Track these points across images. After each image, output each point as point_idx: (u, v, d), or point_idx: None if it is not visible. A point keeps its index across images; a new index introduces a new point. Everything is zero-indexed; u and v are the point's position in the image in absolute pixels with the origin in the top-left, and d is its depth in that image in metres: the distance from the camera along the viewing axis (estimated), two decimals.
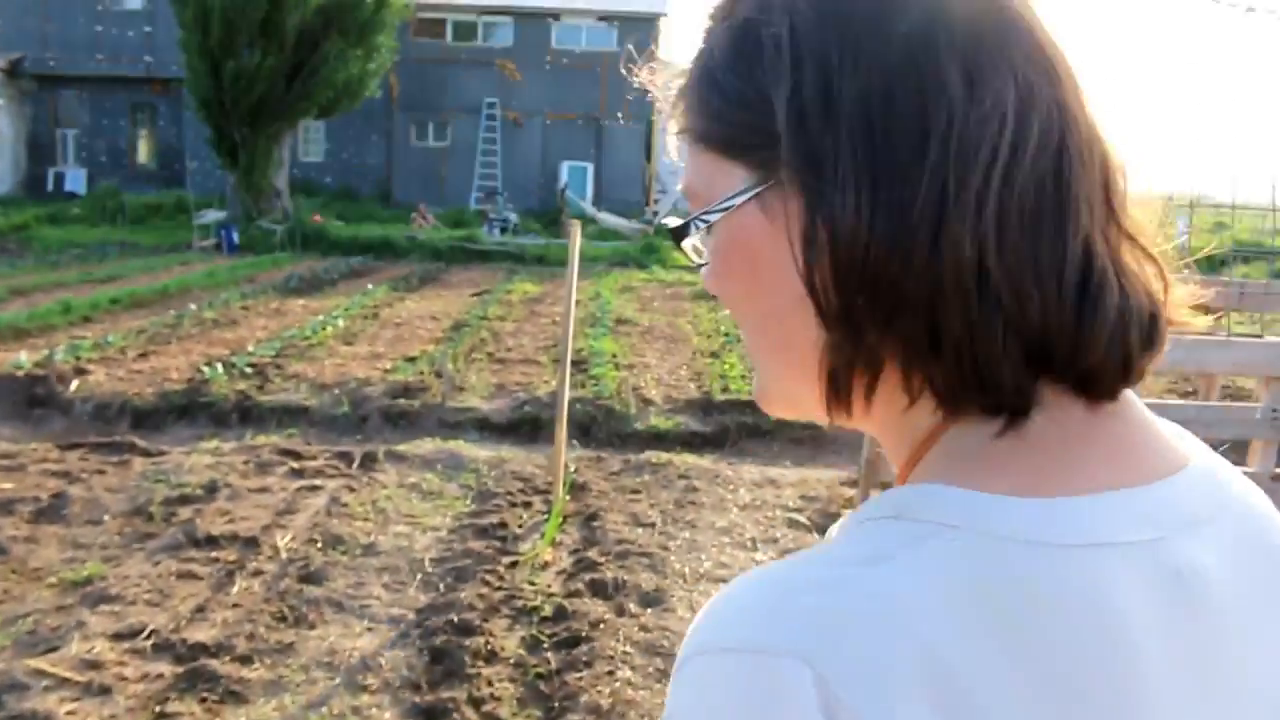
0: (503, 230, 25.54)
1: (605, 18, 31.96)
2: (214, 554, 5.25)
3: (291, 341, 10.82)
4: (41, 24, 31.92)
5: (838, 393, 0.58)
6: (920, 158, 0.53)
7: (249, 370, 9.41)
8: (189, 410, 8.47)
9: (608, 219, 26.52)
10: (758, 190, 0.58)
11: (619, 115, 32.24)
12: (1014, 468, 0.55)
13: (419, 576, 5.14)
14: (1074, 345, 0.55)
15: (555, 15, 31.90)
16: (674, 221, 0.64)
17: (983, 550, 0.52)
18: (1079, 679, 0.50)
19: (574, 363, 10.10)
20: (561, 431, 6.00)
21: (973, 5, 0.56)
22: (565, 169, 32.08)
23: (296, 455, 6.93)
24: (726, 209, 0.60)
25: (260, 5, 20.15)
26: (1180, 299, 0.60)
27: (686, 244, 0.65)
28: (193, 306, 12.84)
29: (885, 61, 0.54)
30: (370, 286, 15.77)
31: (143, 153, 34.13)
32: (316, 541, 5.43)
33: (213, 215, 24.58)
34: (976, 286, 0.53)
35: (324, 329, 11.69)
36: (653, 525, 5.85)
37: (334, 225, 22.71)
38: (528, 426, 8.36)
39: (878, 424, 0.61)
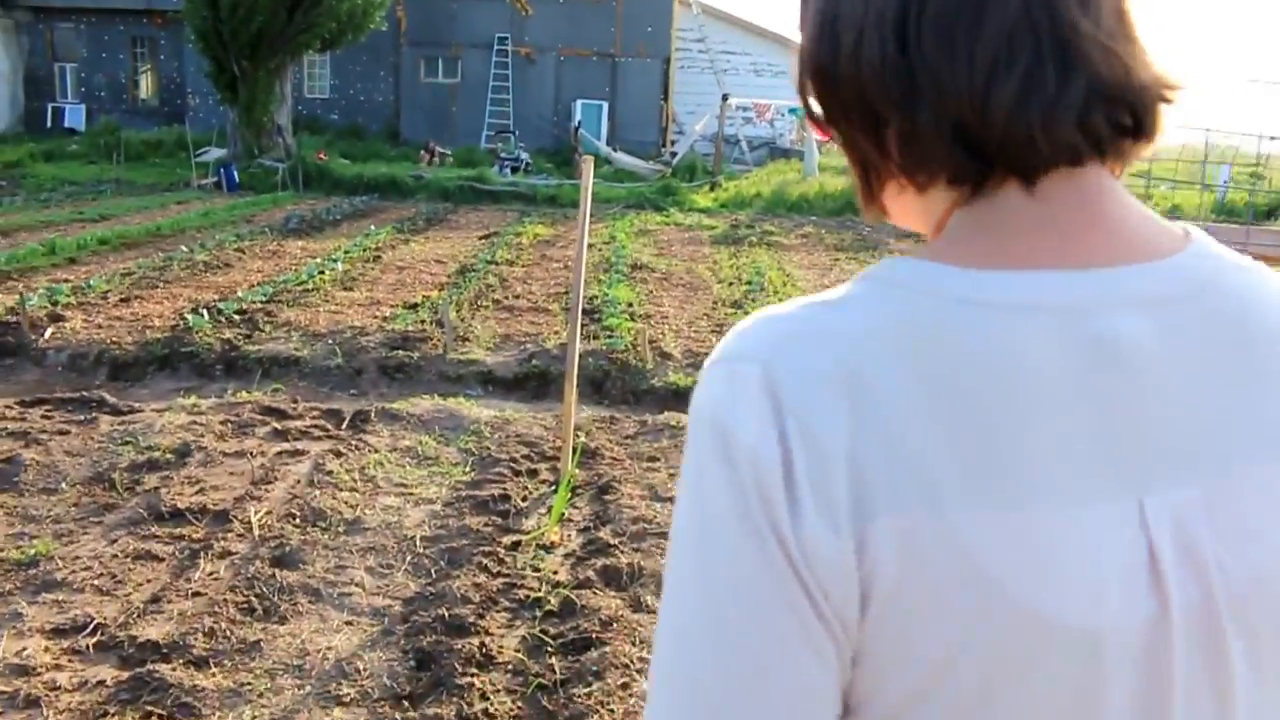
0: (514, 170, 24.72)
1: None
2: (179, 530, 4.64)
3: (285, 287, 10.17)
4: None
5: (868, 189, 0.76)
6: None
7: (237, 318, 8.78)
8: (170, 361, 7.86)
9: (623, 159, 25.64)
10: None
11: (635, 51, 31.22)
12: (969, 246, 0.69)
13: (408, 559, 4.53)
14: (979, 116, 0.66)
15: None
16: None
17: (917, 302, 0.67)
18: (972, 401, 0.64)
19: (586, 312, 9.43)
20: (571, 393, 5.36)
21: None
22: (579, 107, 31.12)
23: (281, 414, 6.31)
24: None
25: None
26: (1166, 75, 0.69)
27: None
28: (184, 249, 12.18)
29: None
30: (373, 228, 15.06)
31: (144, 88, 33.29)
32: (295, 516, 4.81)
33: (215, 153, 23.83)
34: (902, 82, 0.67)
35: (321, 273, 11.03)
36: (672, 499, 5.22)
37: (338, 164, 21.93)
38: (535, 381, 7.73)
39: (911, 214, 0.76)
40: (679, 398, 7.44)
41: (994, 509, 0.63)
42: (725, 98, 25.83)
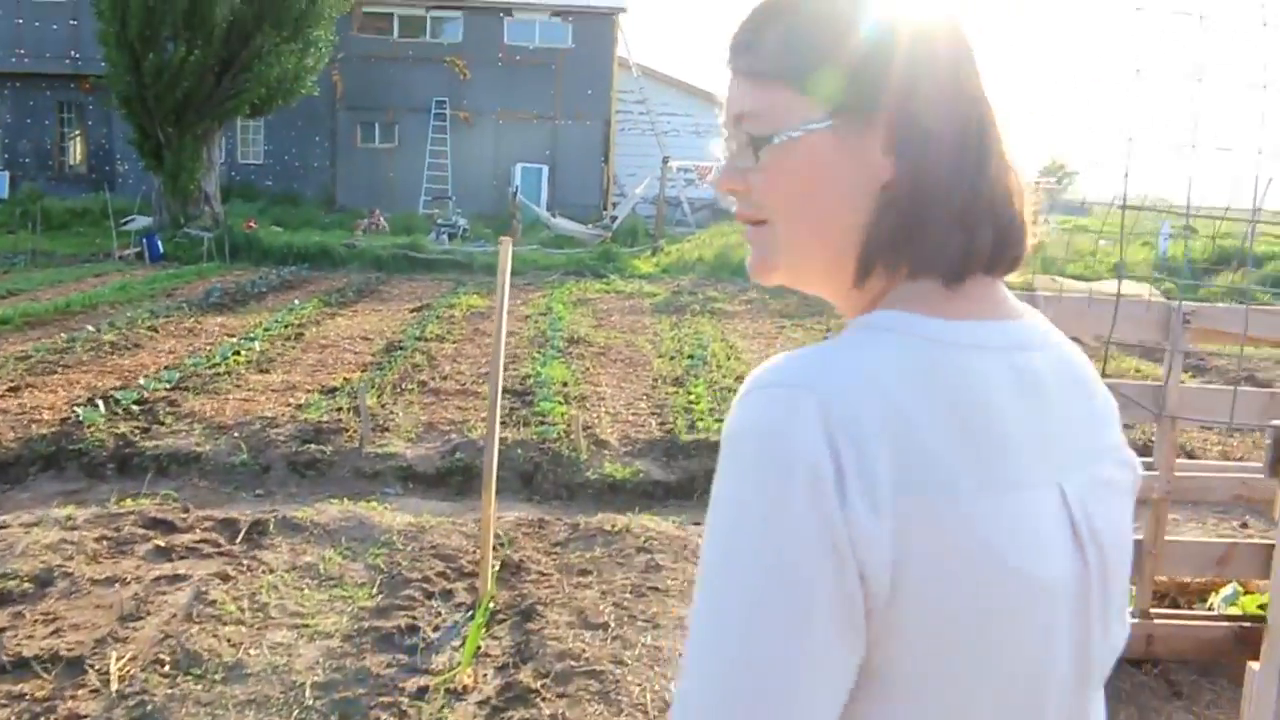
0: (451, 236, 24.18)
1: (560, 13, 30.67)
2: (19, 687, 3.94)
3: (195, 370, 9.47)
4: None
5: (864, 274, 0.91)
6: (965, 112, 0.88)
7: (136, 409, 8.06)
8: (57, 459, 7.12)
9: (563, 224, 25.21)
10: (829, 123, 0.87)
11: (575, 114, 30.97)
12: (935, 303, 0.88)
13: (295, 713, 3.87)
14: (1001, 244, 0.90)
15: (507, 10, 30.57)
16: (760, 131, 0.90)
17: (910, 344, 0.85)
18: (966, 413, 0.83)
19: (518, 394, 8.87)
20: (489, 505, 4.76)
21: (963, 45, 0.90)
22: (519, 171, 30.76)
23: (168, 527, 5.62)
24: (809, 129, 0.88)
25: None
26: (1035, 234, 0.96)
27: (732, 152, 0.94)
28: (90, 328, 11.42)
29: (937, 67, 0.88)
30: (298, 302, 14.37)
31: (72, 154, 32.39)
32: (164, 662, 4.13)
33: (141, 221, 23.04)
34: (986, 203, 0.89)
35: (236, 353, 10.34)
36: (605, 627, 4.61)
37: (268, 232, 21.21)
38: (459, 476, 7.10)
39: (844, 291, 0.95)
40: (615, 492, 6.86)
41: (993, 495, 0.82)
42: (666, 160, 25.59)
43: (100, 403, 8.10)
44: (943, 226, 0.87)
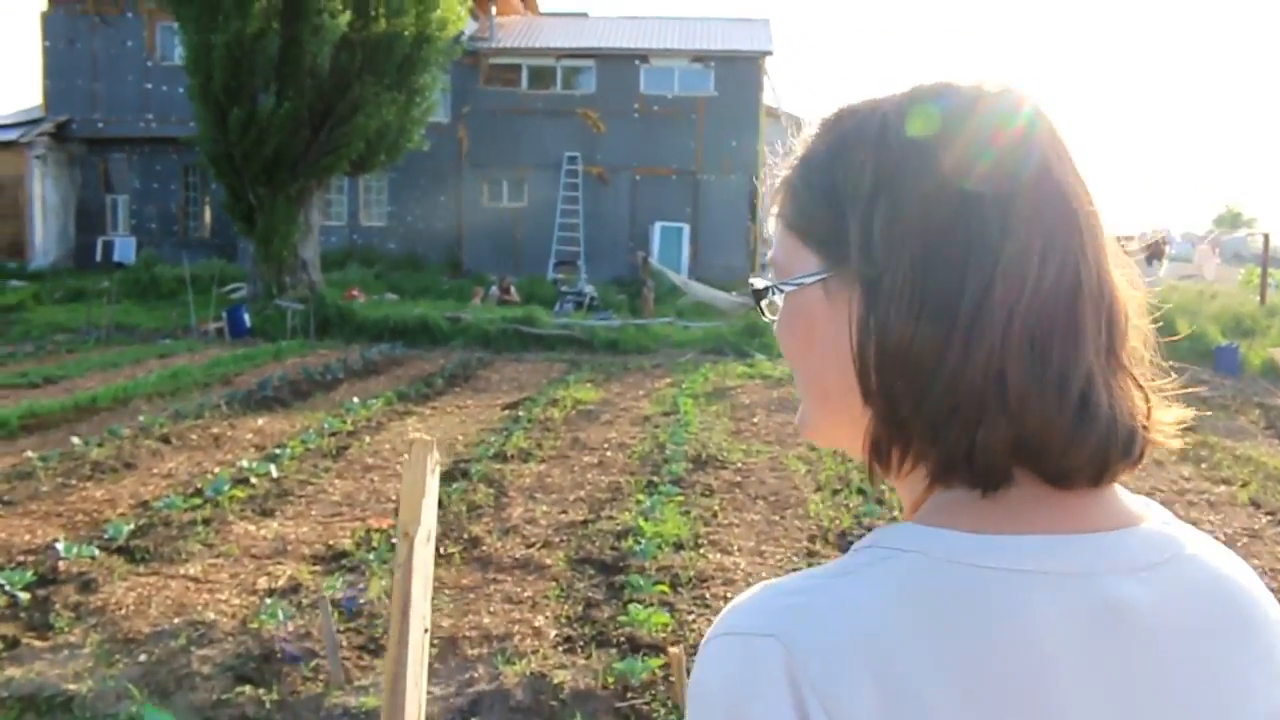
0: (578, 306, 21.54)
1: (700, 58, 27.99)
2: None
3: (162, 515, 6.78)
4: (90, 83, 29.38)
5: (879, 457, 0.74)
6: (960, 285, 0.68)
7: (23, 597, 5.37)
8: None
9: (700, 290, 22.23)
10: (824, 276, 0.75)
11: (719, 168, 28.15)
12: (972, 515, 0.69)
13: None
14: (1066, 447, 0.68)
15: (643, 57, 28.07)
16: (759, 283, 0.81)
17: (926, 568, 0.66)
18: (990, 668, 0.63)
19: (603, 567, 5.96)
20: None
21: (1015, 171, 0.70)
22: (657, 230, 28.10)
23: None
24: (799, 284, 0.77)
25: (273, 41, 16.56)
26: (1162, 421, 0.74)
27: (764, 302, 0.81)
28: (76, 440, 8.93)
29: (945, 208, 0.69)
30: (371, 395, 11.69)
31: (198, 220, 31.29)
32: None
33: (246, 290, 21.16)
34: (995, 388, 0.67)
35: (238, 485, 7.66)
36: None
37: (368, 304, 18.88)
38: None
39: (898, 483, 0.76)
40: None
41: None
42: None
43: None
44: (929, 413, 0.71)
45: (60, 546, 5.98)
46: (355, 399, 11.51)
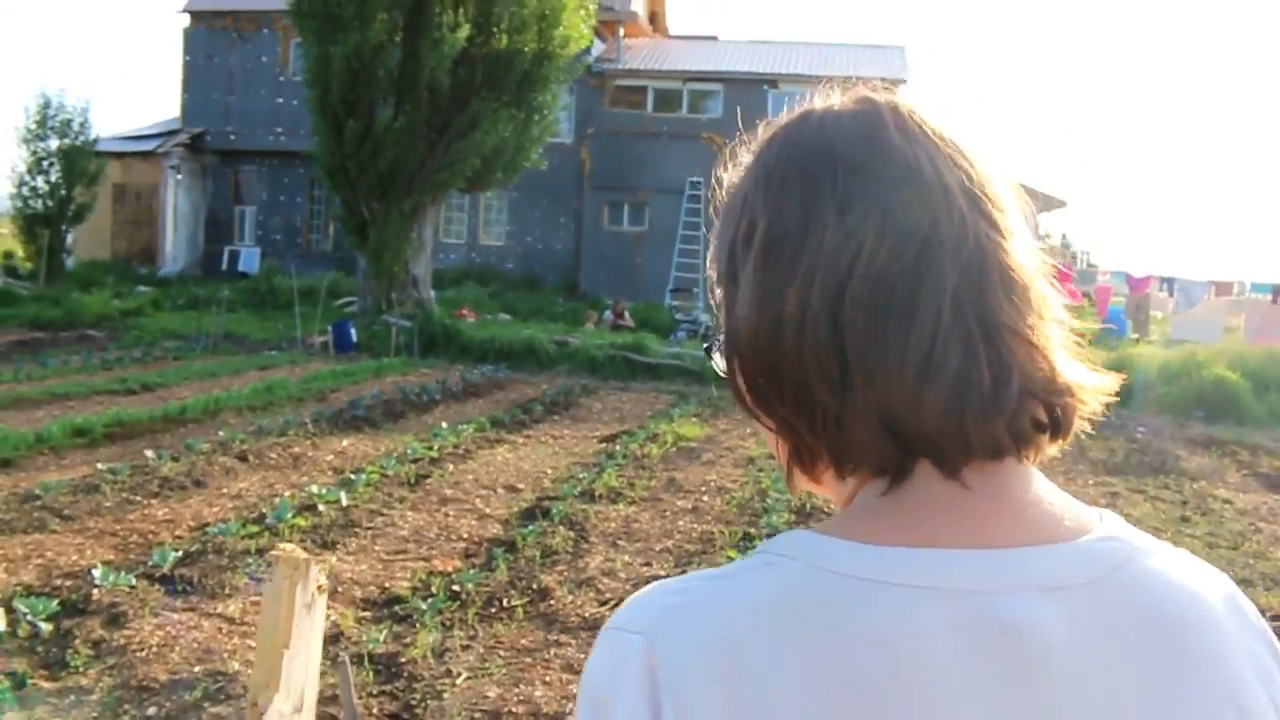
0: (691, 335, 20.84)
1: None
2: None
3: (215, 543, 6.29)
4: (225, 96, 30.03)
5: (802, 466, 0.72)
6: (795, 269, 0.68)
7: (45, 628, 4.90)
8: None
9: None
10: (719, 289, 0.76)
11: None
12: (872, 524, 0.67)
13: None
14: (912, 410, 0.65)
15: (772, 82, 27.36)
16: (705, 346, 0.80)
17: (804, 576, 0.64)
18: (857, 684, 0.60)
19: None
20: None
21: (858, 153, 0.70)
22: None
23: None
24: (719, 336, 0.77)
25: (392, 54, 16.36)
26: (1080, 385, 0.70)
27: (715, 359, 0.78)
28: (150, 454, 8.57)
29: (789, 208, 0.70)
30: (447, 425, 11.08)
31: (322, 233, 31.66)
32: None
33: (358, 304, 21.05)
34: (838, 365, 0.66)
35: (306, 509, 7.16)
36: None
37: (469, 324, 18.49)
38: None
39: (828, 490, 0.74)
40: None
41: None
42: None
43: (18, 608, 5.03)
44: (791, 400, 0.70)
45: (97, 573, 5.52)
46: (445, 423, 11.00)
